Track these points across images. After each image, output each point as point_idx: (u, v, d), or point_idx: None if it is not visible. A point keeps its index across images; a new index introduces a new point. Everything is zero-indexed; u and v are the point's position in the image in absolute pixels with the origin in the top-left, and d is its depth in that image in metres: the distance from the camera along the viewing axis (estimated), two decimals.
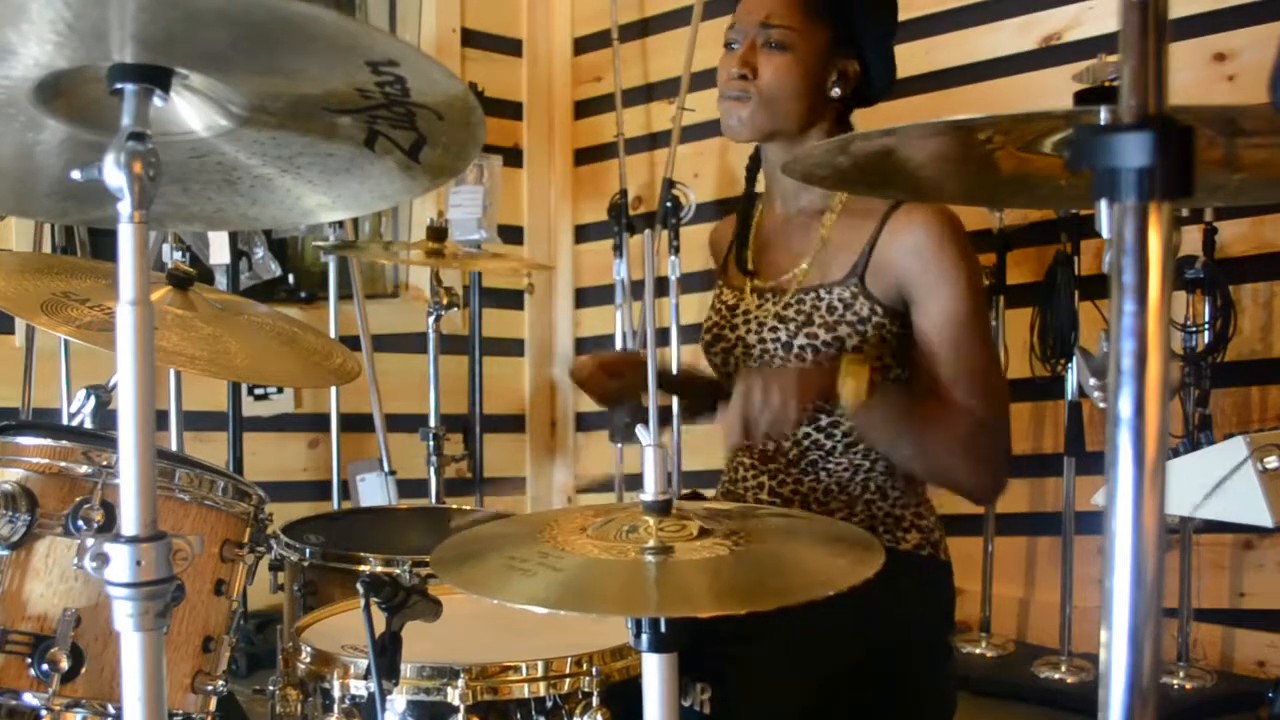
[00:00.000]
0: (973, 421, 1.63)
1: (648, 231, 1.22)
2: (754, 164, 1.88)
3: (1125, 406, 0.70)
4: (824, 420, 1.72)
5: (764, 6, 1.69)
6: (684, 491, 1.90)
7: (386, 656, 1.21)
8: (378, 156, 1.14)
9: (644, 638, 1.09)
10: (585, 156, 4.19)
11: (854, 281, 1.68)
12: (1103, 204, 0.71)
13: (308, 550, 1.90)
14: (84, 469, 1.42)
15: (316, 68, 1.01)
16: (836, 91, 1.72)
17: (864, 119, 1.81)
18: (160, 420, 2.56)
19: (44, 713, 1.39)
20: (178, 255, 3.11)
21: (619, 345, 3.77)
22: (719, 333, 1.82)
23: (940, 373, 1.65)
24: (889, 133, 0.97)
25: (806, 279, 1.74)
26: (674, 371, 2.09)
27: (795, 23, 1.68)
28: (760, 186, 1.90)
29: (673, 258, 3.51)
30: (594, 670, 1.34)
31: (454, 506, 2.50)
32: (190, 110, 1.12)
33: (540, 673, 1.34)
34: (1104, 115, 0.82)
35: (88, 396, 1.73)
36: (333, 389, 3.57)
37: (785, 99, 1.69)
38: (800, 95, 1.69)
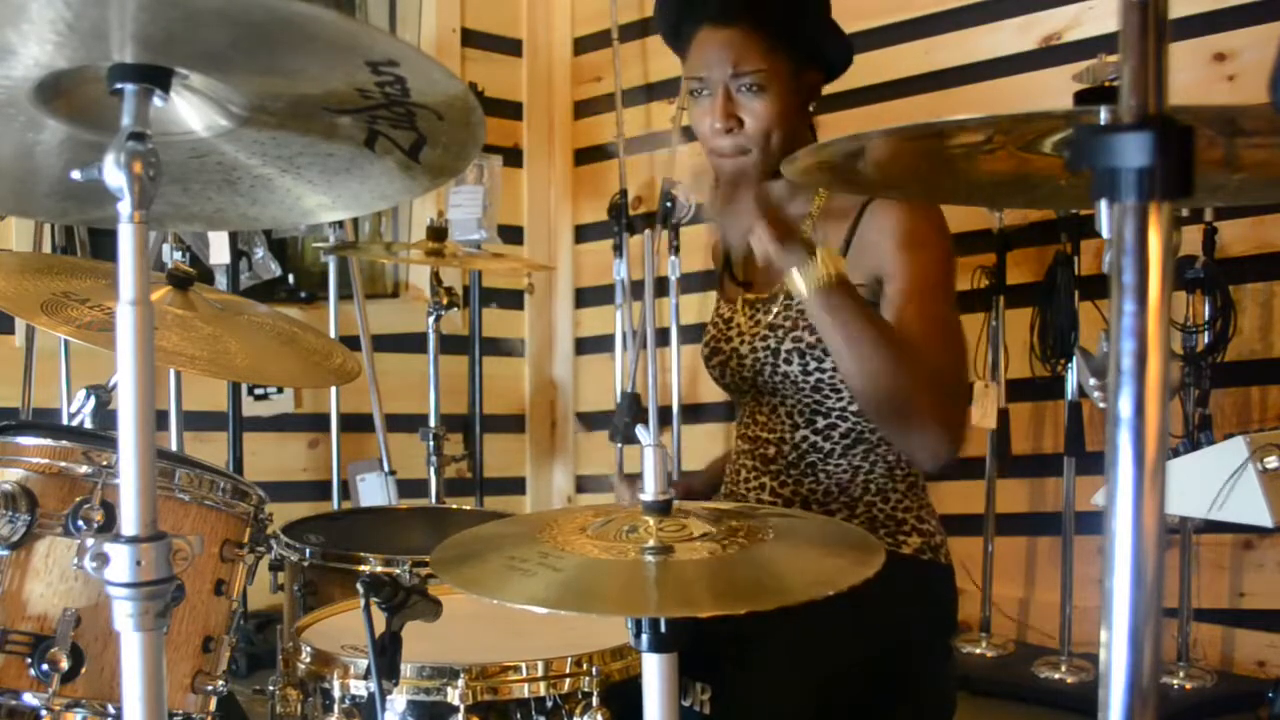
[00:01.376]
0: (930, 359, 1.59)
1: (648, 231, 1.22)
2: None
3: (1125, 406, 0.70)
4: (820, 423, 1.73)
5: (728, 54, 1.67)
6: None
7: (386, 656, 1.21)
8: (378, 156, 1.14)
9: (644, 638, 1.09)
10: (585, 156, 4.19)
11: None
12: (1103, 204, 0.71)
13: (308, 550, 1.90)
14: (84, 469, 1.42)
15: (316, 68, 1.01)
16: (811, 107, 1.76)
17: (865, 118, 1.82)
18: (160, 420, 2.56)
19: (44, 713, 1.39)
20: (178, 255, 3.11)
21: (619, 345, 3.77)
22: (716, 346, 1.84)
23: (903, 330, 1.60)
24: (891, 133, 0.97)
25: (788, 284, 1.74)
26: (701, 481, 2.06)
27: (764, 63, 1.66)
28: None
29: (673, 258, 3.51)
30: (594, 670, 1.34)
31: (454, 506, 2.51)
32: (190, 110, 1.12)
33: (540, 673, 1.34)
34: (1104, 115, 0.82)
35: (88, 396, 1.73)
36: (333, 389, 3.57)
37: (778, 139, 1.69)
38: (788, 128, 1.70)
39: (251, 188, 1.22)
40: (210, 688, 1.50)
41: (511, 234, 4.08)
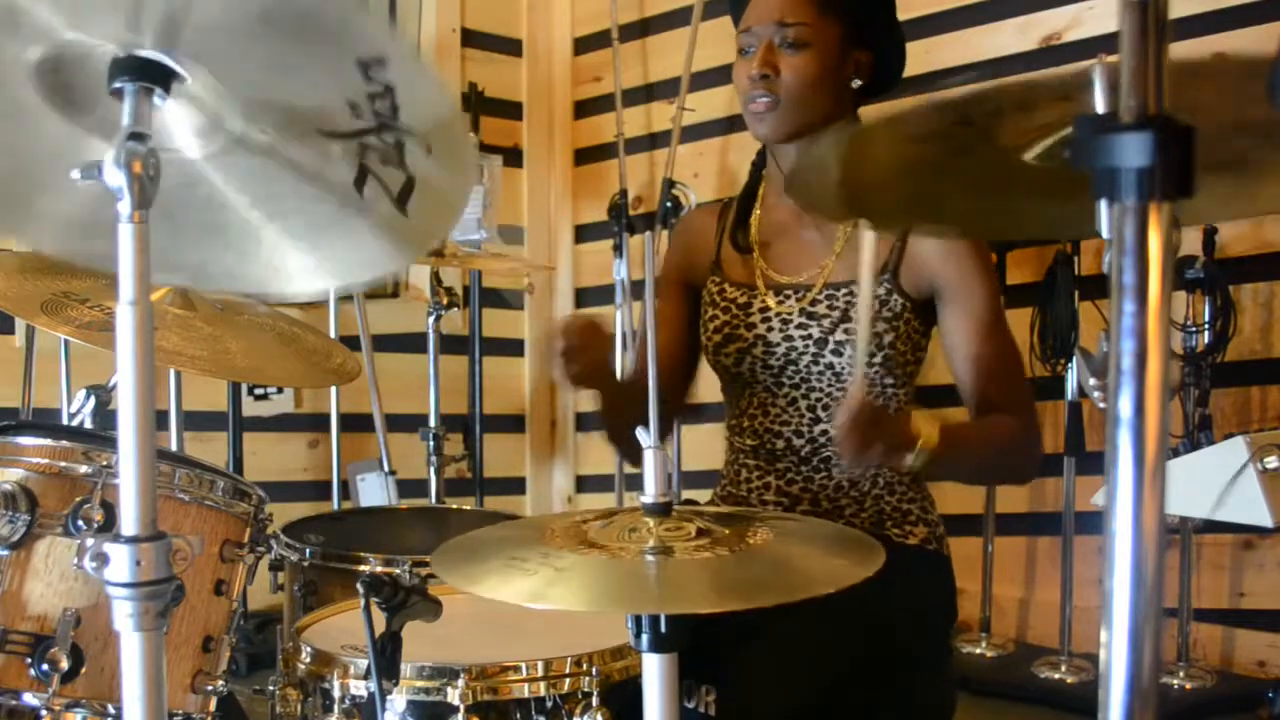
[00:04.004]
0: (1013, 428, 1.67)
1: (648, 233, 1.22)
2: (760, 159, 1.88)
3: (1125, 406, 0.70)
4: None
5: (778, 7, 1.69)
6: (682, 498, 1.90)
7: (386, 656, 1.21)
8: (365, 205, 1.12)
9: (644, 637, 1.09)
10: (585, 156, 4.19)
11: (886, 278, 1.69)
12: (1103, 204, 0.71)
13: (308, 550, 1.90)
14: (84, 469, 1.42)
15: (311, 63, 1.00)
16: (856, 83, 1.73)
17: (865, 118, 1.81)
18: (160, 420, 2.56)
19: (44, 713, 1.39)
20: None
21: (619, 345, 3.77)
22: (731, 332, 1.78)
23: (974, 380, 1.68)
24: (890, 122, 0.97)
25: (834, 274, 1.74)
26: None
27: (810, 19, 1.68)
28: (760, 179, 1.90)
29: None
30: (594, 670, 1.34)
31: (454, 506, 2.51)
32: (182, 126, 1.11)
33: (540, 673, 1.34)
34: (1097, 82, 0.81)
35: (88, 396, 1.73)
36: (333, 389, 3.57)
37: (809, 97, 1.69)
38: (823, 91, 1.69)
39: (238, 236, 1.20)
40: (210, 688, 1.50)
41: (511, 234, 4.08)
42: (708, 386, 1.93)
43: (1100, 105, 0.78)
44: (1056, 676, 3.02)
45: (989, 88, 0.88)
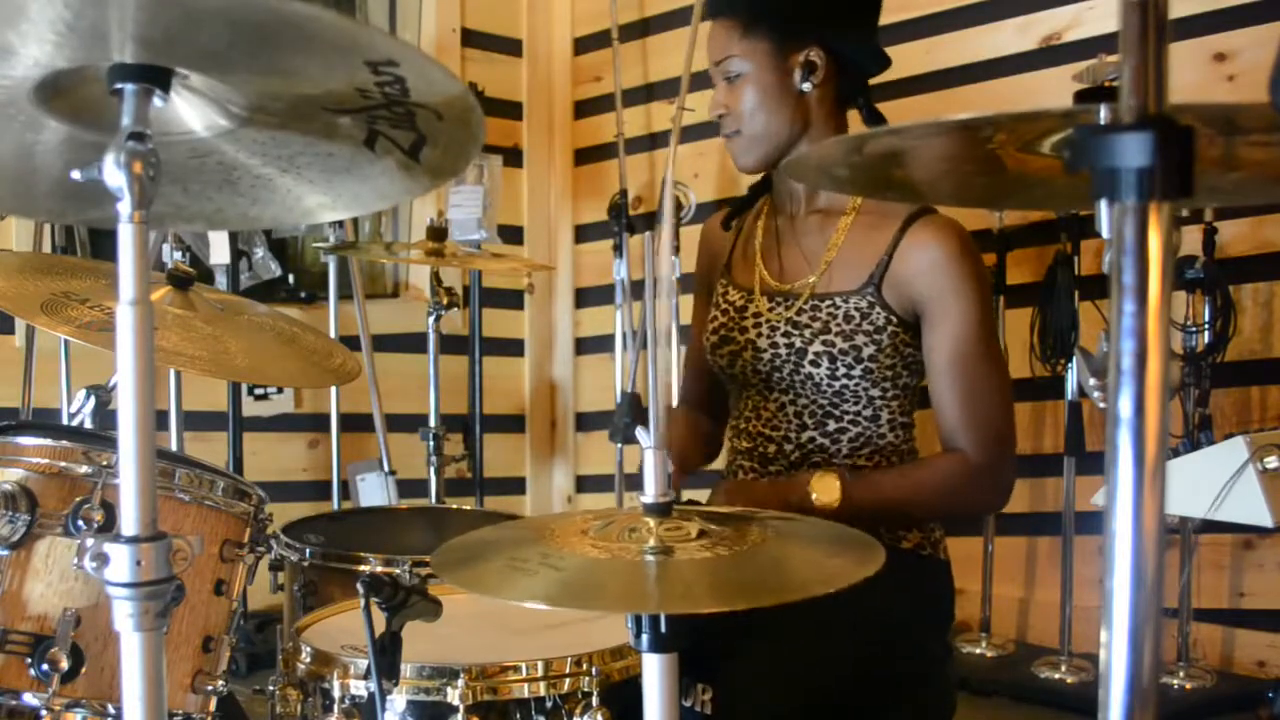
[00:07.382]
0: (961, 472, 1.66)
1: (648, 233, 1.22)
2: None
3: (1125, 406, 0.70)
4: (831, 426, 1.72)
5: (714, 48, 1.75)
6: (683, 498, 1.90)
7: (386, 656, 1.21)
8: (378, 156, 1.14)
9: (644, 637, 1.09)
10: (585, 156, 4.19)
11: (870, 291, 1.69)
12: (1103, 204, 0.71)
13: (308, 550, 1.90)
14: (84, 469, 1.42)
15: (316, 68, 1.01)
16: (807, 86, 1.72)
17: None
18: (160, 420, 2.56)
19: (44, 713, 1.39)
20: (178, 255, 3.11)
21: (619, 345, 3.77)
22: (726, 334, 1.80)
23: (944, 405, 1.67)
24: (893, 132, 0.97)
25: (820, 285, 1.74)
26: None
27: (736, 49, 1.72)
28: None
29: (673, 258, 3.51)
30: (594, 670, 1.34)
31: (454, 506, 2.50)
32: (190, 110, 1.12)
33: (540, 673, 1.34)
34: (1104, 115, 0.82)
35: (88, 396, 1.73)
36: (333, 389, 3.57)
37: (760, 119, 1.73)
38: (771, 109, 1.72)
39: (252, 187, 1.22)
40: (210, 688, 1.50)
41: (511, 234, 4.08)
42: None
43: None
44: (1056, 676, 3.01)
45: (992, 116, 0.88)
